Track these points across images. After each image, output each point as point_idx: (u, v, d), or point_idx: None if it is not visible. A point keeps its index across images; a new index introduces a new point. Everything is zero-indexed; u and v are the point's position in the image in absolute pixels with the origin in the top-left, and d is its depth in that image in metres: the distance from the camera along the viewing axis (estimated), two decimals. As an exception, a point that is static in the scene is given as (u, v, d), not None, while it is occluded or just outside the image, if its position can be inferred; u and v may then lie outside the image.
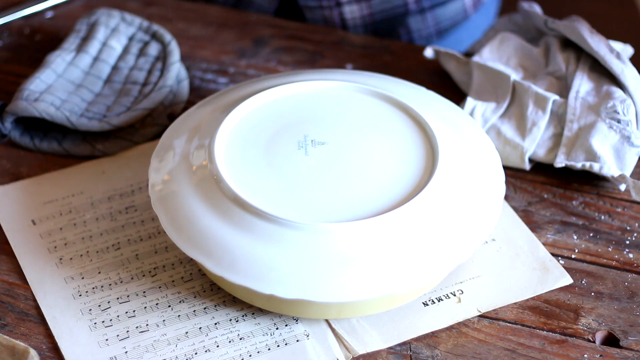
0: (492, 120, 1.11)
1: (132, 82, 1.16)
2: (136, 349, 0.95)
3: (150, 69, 1.17)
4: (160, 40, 1.19)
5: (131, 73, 1.17)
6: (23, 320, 0.98)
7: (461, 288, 1.00)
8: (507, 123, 1.11)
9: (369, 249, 0.93)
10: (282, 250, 0.93)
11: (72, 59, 1.17)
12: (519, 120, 1.11)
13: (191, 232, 0.95)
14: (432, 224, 0.95)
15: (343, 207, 0.95)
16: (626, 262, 1.03)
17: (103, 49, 1.18)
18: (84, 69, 1.17)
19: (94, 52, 1.18)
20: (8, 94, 1.19)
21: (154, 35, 1.20)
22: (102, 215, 1.07)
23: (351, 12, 1.33)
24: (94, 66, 1.17)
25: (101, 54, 1.18)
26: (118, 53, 1.19)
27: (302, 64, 1.24)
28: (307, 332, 0.97)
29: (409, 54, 1.26)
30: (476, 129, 1.05)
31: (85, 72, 1.17)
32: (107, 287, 1.00)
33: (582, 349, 0.96)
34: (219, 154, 0.99)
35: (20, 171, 1.11)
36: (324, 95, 1.05)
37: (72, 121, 1.10)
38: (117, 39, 1.19)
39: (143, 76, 1.17)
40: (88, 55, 1.18)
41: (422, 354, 0.95)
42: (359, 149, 1.00)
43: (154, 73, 1.17)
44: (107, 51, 1.18)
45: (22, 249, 1.03)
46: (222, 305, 0.99)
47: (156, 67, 1.17)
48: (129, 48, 1.19)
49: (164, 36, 1.20)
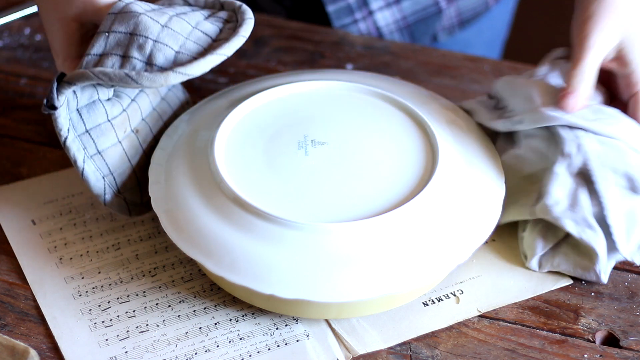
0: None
1: (203, 32, 0.99)
2: (136, 349, 0.95)
3: (222, 27, 1.00)
4: (230, 8, 1.02)
5: (200, 24, 0.99)
6: (23, 320, 0.98)
7: (461, 288, 1.00)
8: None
9: (369, 249, 0.93)
10: (282, 250, 0.93)
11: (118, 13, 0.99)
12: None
13: (191, 232, 0.95)
14: (432, 224, 0.95)
15: (343, 207, 0.95)
16: (626, 262, 1.03)
17: (161, 8, 1.01)
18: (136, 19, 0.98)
19: (148, 10, 1.00)
20: (8, 94, 1.19)
21: (222, 6, 1.03)
22: (102, 215, 1.07)
23: (384, 18, 1.33)
24: (143, 17, 0.98)
25: (157, 10, 1.00)
26: (181, 10, 1.01)
27: (302, 64, 1.24)
28: (307, 332, 0.97)
29: (409, 54, 1.26)
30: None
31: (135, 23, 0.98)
32: (107, 287, 1.00)
33: (582, 349, 0.96)
34: (219, 153, 0.99)
35: (20, 171, 1.11)
36: (324, 95, 1.05)
37: (133, 77, 0.96)
38: (180, 7, 1.02)
39: (215, 30, 0.99)
40: (139, 6, 1.00)
41: (422, 354, 0.95)
42: (359, 149, 1.00)
43: (225, 30, 1.00)
44: (165, 9, 1.01)
45: (22, 249, 1.03)
46: (222, 305, 0.99)
47: (227, 26, 1.00)
48: (195, 10, 1.02)
49: (234, 4, 1.02)
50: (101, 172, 1.00)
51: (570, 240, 1.00)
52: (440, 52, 1.28)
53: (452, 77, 1.24)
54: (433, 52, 1.27)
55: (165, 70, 0.96)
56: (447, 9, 1.36)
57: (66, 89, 0.97)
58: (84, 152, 0.99)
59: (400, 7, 1.33)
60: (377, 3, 1.32)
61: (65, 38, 1.01)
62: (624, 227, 0.98)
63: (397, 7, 1.33)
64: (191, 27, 0.99)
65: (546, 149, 1.01)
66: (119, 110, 1.01)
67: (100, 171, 1.00)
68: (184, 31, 0.98)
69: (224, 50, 0.96)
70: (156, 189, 0.99)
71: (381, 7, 1.33)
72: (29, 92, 1.21)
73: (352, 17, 1.33)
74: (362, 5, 1.32)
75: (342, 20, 1.32)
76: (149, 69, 0.96)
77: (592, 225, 0.97)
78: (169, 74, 0.95)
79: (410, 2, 1.34)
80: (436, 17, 1.36)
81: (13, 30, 1.28)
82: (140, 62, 0.97)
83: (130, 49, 0.97)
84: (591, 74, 0.99)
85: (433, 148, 1.00)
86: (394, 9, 1.33)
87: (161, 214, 0.98)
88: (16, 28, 1.28)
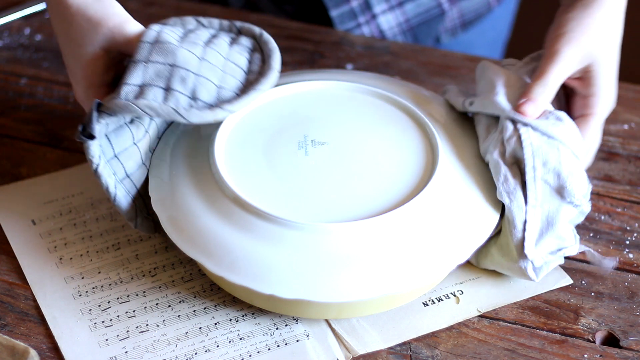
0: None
1: (235, 64, 1.00)
2: (136, 349, 0.95)
3: (250, 58, 1.02)
4: (250, 34, 1.04)
5: (230, 55, 1.01)
6: (23, 320, 0.98)
7: (461, 288, 1.00)
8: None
9: (369, 249, 0.93)
10: (282, 250, 0.93)
11: (153, 44, 0.98)
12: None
13: (191, 232, 0.95)
14: (432, 224, 0.95)
15: (343, 207, 0.95)
16: (626, 262, 1.03)
17: (188, 35, 1.01)
18: (172, 54, 0.98)
19: (179, 39, 1.00)
20: (8, 94, 1.19)
21: (240, 31, 1.05)
22: (102, 215, 1.07)
23: (387, 22, 1.33)
24: (181, 49, 0.98)
25: (186, 37, 1.00)
26: (206, 37, 1.02)
27: (302, 64, 1.24)
28: (307, 332, 0.97)
29: (409, 54, 1.26)
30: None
31: (173, 60, 0.98)
32: (107, 287, 1.00)
33: (582, 349, 0.96)
34: (219, 154, 0.99)
35: (20, 171, 1.11)
36: (324, 95, 1.05)
37: (181, 113, 0.95)
38: (200, 31, 1.03)
39: (245, 62, 1.01)
40: (172, 36, 0.99)
41: (422, 354, 0.95)
42: (359, 149, 1.00)
43: (254, 61, 1.02)
44: (193, 36, 1.01)
45: (22, 249, 1.03)
46: (222, 305, 0.99)
47: (255, 56, 1.02)
48: (217, 37, 1.03)
49: (252, 29, 1.04)
50: (131, 195, 1.00)
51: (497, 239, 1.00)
52: (440, 52, 1.28)
53: (453, 77, 1.24)
54: (433, 52, 1.27)
55: (213, 107, 0.96)
56: (450, 10, 1.36)
57: (104, 118, 0.96)
58: (114, 178, 0.98)
59: (403, 10, 1.33)
60: (380, 6, 1.32)
61: (91, 66, 1.00)
62: (537, 228, 0.97)
63: (400, 10, 1.33)
64: (223, 58, 1.00)
65: (488, 134, 1.02)
66: (142, 132, 1.00)
67: (130, 194, 1.00)
68: (219, 63, 0.99)
69: (263, 86, 0.99)
70: (156, 189, 0.99)
71: (384, 11, 1.32)
72: (29, 92, 1.21)
73: (356, 21, 1.33)
74: (365, 9, 1.32)
75: (346, 24, 1.32)
76: (193, 104, 0.96)
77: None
78: (217, 111, 0.96)
79: (413, 5, 1.34)
80: (439, 19, 1.36)
81: (13, 30, 1.28)
82: (185, 96, 0.96)
83: (173, 82, 0.97)
84: (553, 88, 1.00)
85: (433, 148, 1.00)
86: (397, 12, 1.33)
87: (161, 214, 0.98)
88: (16, 28, 1.28)
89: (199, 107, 0.96)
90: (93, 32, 0.99)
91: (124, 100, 0.95)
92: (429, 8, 1.34)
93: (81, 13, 0.99)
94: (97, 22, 0.99)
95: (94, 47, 0.99)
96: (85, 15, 0.99)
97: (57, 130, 1.16)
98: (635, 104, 1.21)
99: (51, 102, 1.20)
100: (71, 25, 1.00)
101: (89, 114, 0.96)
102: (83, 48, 0.99)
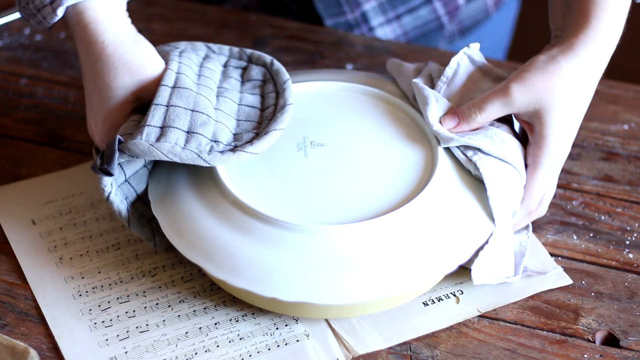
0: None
1: (248, 106, 1.02)
2: (136, 349, 0.95)
3: (262, 93, 1.03)
4: (261, 63, 1.06)
5: (243, 96, 1.03)
6: (23, 320, 0.98)
7: (461, 288, 1.00)
8: None
9: (369, 250, 0.93)
10: (282, 252, 0.93)
11: (173, 86, 1.00)
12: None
13: (192, 236, 0.95)
14: (432, 225, 0.95)
15: (343, 209, 0.95)
16: (626, 262, 1.03)
17: (202, 73, 1.03)
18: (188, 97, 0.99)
19: (194, 77, 1.02)
20: (8, 94, 1.19)
21: (250, 59, 1.06)
22: (102, 215, 1.07)
23: (385, 35, 1.32)
24: (200, 96, 1.00)
25: (200, 79, 1.02)
26: (218, 78, 1.04)
27: (302, 64, 1.24)
28: (307, 332, 0.97)
29: (409, 54, 1.26)
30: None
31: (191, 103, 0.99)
32: (107, 287, 1.00)
33: (582, 349, 0.96)
34: (219, 154, 0.99)
35: (20, 171, 1.11)
36: (324, 96, 1.05)
37: (204, 158, 0.95)
38: (213, 64, 1.04)
39: (258, 100, 1.02)
40: (189, 80, 1.01)
41: (422, 354, 0.95)
42: (358, 151, 1.00)
43: (268, 95, 1.02)
44: (205, 75, 1.03)
45: (22, 249, 1.03)
46: (222, 305, 0.99)
47: (267, 89, 1.03)
48: (227, 73, 1.05)
49: (263, 57, 1.06)
50: (146, 217, 1.00)
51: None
52: (439, 52, 1.28)
53: (452, 77, 1.24)
54: (433, 52, 1.27)
55: (235, 150, 0.96)
56: (449, 23, 1.35)
57: (124, 157, 0.96)
58: (126, 202, 0.99)
59: (401, 23, 1.33)
60: (377, 19, 1.32)
61: (119, 109, 0.98)
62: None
63: (397, 23, 1.32)
64: (237, 104, 1.01)
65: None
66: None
67: (144, 217, 1.00)
68: (232, 111, 1.00)
69: (282, 124, 0.98)
70: (156, 193, 0.99)
71: (382, 24, 1.32)
72: (29, 92, 1.21)
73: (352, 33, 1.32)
74: (362, 22, 1.31)
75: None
76: (215, 146, 0.96)
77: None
78: (240, 154, 0.95)
79: (411, 18, 1.33)
80: (438, 32, 1.35)
81: (13, 30, 1.28)
82: (206, 138, 0.96)
83: (194, 125, 0.96)
84: (487, 118, 0.99)
85: (432, 149, 1.00)
86: (394, 25, 1.32)
87: (162, 218, 0.97)
88: (16, 28, 1.28)
89: (221, 150, 0.96)
90: (128, 77, 0.98)
91: (146, 143, 0.95)
92: (427, 21, 1.34)
93: (118, 56, 0.98)
94: (136, 68, 0.98)
95: (126, 91, 0.98)
96: (122, 58, 0.98)
97: (57, 130, 1.16)
98: (635, 104, 1.21)
99: (51, 102, 1.20)
100: (105, 66, 0.98)
101: (111, 153, 0.95)
102: (114, 91, 0.98)
